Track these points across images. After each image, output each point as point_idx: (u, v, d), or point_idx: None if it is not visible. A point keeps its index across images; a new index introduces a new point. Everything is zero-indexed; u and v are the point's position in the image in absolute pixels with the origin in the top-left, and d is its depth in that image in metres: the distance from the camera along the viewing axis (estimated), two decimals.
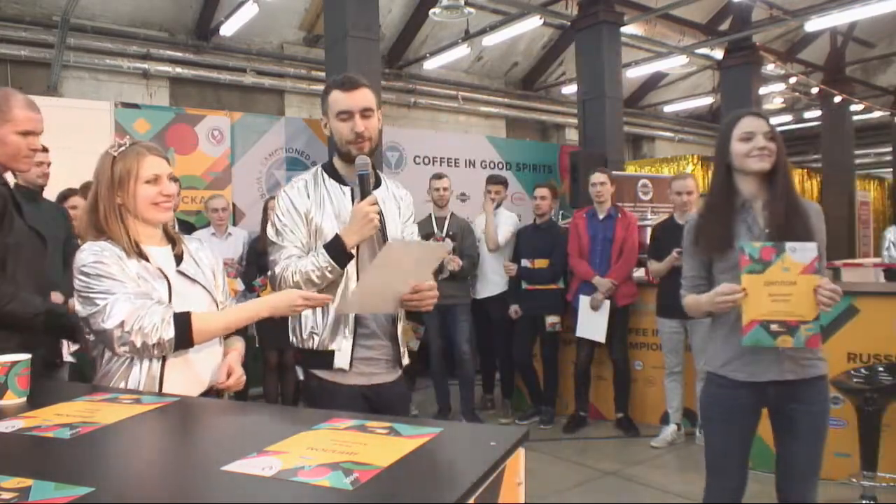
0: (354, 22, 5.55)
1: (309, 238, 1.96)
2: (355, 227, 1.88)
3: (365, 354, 2.00)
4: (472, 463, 1.01)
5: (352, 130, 1.95)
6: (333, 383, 1.98)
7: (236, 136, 5.98)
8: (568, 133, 12.90)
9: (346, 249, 1.88)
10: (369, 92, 1.99)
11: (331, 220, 1.96)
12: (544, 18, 9.24)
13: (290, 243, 1.95)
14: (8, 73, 7.83)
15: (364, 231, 1.88)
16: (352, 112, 1.95)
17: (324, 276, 1.89)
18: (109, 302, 1.52)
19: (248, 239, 4.91)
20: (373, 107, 1.98)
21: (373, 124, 1.98)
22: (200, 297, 1.72)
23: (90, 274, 1.55)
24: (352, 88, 1.96)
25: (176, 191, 1.75)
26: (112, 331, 1.51)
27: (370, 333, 2.00)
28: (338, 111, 1.96)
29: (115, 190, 1.65)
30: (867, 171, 15.13)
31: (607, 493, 3.49)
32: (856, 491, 3.14)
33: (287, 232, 1.96)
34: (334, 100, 1.98)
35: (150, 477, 1.02)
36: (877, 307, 3.52)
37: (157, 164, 1.69)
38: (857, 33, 12.58)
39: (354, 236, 1.88)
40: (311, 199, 1.99)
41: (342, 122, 1.96)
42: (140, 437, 1.31)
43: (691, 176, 4.42)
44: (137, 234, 1.69)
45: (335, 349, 1.97)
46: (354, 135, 1.95)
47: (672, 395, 4.27)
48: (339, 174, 2.05)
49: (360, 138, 1.95)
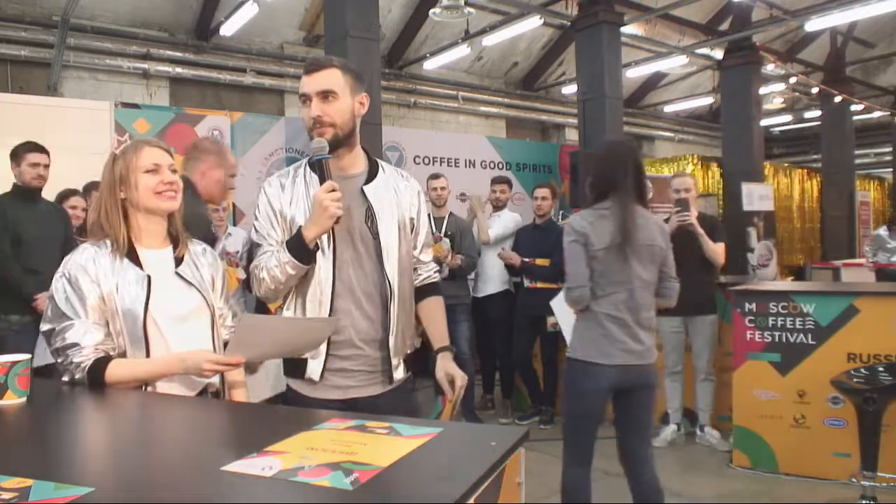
0: (354, 22, 5.55)
1: (284, 235, 1.81)
2: (312, 217, 1.72)
3: (339, 365, 1.80)
4: (472, 463, 1.01)
5: (310, 116, 1.78)
6: (303, 395, 1.82)
7: (236, 136, 5.98)
8: (568, 133, 12.90)
9: (305, 243, 1.72)
10: (336, 72, 1.78)
11: (304, 214, 1.79)
12: (544, 18, 9.24)
13: (266, 241, 1.82)
14: (8, 73, 7.83)
15: (322, 222, 1.69)
16: (308, 95, 1.78)
17: (286, 273, 1.74)
18: (56, 329, 1.58)
19: (247, 238, 4.90)
20: (336, 89, 1.77)
21: (335, 108, 1.77)
22: (195, 300, 1.71)
23: (64, 287, 1.60)
24: (312, 70, 1.78)
25: (178, 182, 1.73)
26: (53, 354, 1.60)
27: (345, 342, 1.80)
28: (299, 94, 1.81)
29: (118, 186, 1.66)
30: (867, 171, 15.14)
31: (607, 493, 3.48)
32: (856, 491, 3.14)
33: (264, 232, 1.84)
34: (300, 85, 1.82)
35: (150, 477, 1.02)
36: (877, 307, 3.52)
37: (155, 154, 1.69)
38: (857, 33, 12.58)
39: (313, 228, 1.71)
40: (287, 193, 1.84)
41: (304, 107, 1.80)
42: (140, 437, 1.31)
43: (690, 175, 4.42)
44: (140, 231, 1.68)
45: (308, 357, 1.80)
46: (311, 120, 1.77)
47: (672, 394, 4.27)
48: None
49: (318, 124, 1.76)
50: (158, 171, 1.67)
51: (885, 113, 13.80)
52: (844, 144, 12.35)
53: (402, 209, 1.89)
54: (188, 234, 1.81)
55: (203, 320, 1.71)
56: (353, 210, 1.81)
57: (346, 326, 1.79)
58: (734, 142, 9.77)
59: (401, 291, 1.85)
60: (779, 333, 3.68)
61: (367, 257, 1.83)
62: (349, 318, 1.80)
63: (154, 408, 1.49)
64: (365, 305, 1.82)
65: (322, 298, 1.78)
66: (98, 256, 1.63)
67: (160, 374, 1.61)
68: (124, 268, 1.63)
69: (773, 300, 3.72)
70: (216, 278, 1.81)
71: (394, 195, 1.89)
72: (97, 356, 1.56)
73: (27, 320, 3.53)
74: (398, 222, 1.87)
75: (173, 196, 1.70)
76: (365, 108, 1.86)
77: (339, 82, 1.78)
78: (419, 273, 1.98)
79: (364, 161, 1.91)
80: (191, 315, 1.69)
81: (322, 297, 1.78)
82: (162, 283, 1.66)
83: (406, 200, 1.91)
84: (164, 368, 1.60)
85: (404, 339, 1.88)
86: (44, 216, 3.70)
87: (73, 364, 1.55)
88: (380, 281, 1.83)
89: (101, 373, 1.55)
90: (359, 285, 1.81)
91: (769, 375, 3.69)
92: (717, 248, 4.02)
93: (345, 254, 1.81)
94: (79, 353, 1.56)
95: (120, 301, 1.60)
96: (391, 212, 1.86)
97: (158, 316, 1.63)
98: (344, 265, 1.80)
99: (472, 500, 0.90)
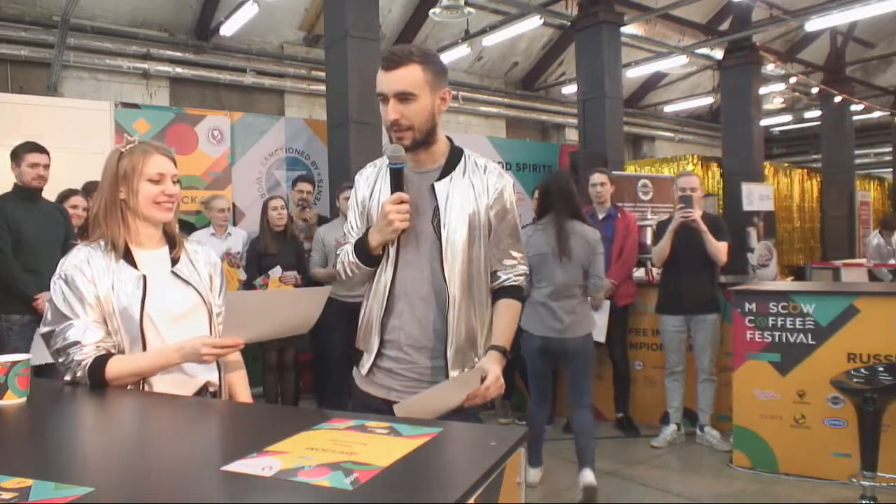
0: (354, 22, 5.55)
1: (365, 226, 1.76)
2: (377, 226, 1.67)
3: (387, 365, 1.74)
4: (472, 463, 1.01)
5: (386, 119, 1.67)
6: (356, 386, 1.81)
7: (236, 136, 5.97)
8: (568, 133, 12.91)
9: (369, 250, 1.69)
10: (417, 69, 1.64)
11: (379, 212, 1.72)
12: (544, 18, 9.25)
13: (351, 234, 1.79)
14: (8, 73, 7.84)
15: (385, 233, 1.65)
16: (385, 95, 1.66)
17: (353, 270, 1.74)
18: (56, 330, 1.59)
19: (247, 239, 4.91)
20: (415, 90, 1.63)
21: (413, 110, 1.64)
22: (192, 298, 1.71)
23: (62, 287, 1.60)
24: (391, 66, 1.64)
25: (178, 194, 1.74)
26: (53, 355, 1.61)
27: (393, 343, 1.73)
28: (377, 92, 1.68)
29: (119, 185, 1.66)
30: (867, 171, 15.14)
31: (607, 493, 3.48)
32: (856, 491, 3.14)
33: (351, 220, 1.81)
34: (377, 79, 1.68)
35: (150, 477, 1.02)
36: (877, 307, 3.52)
37: (162, 163, 1.69)
38: (857, 33, 12.58)
39: (376, 237, 1.67)
40: (370, 186, 1.78)
41: (382, 105, 1.68)
42: (140, 437, 1.31)
43: (696, 174, 4.41)
44: (136, 233, 1.69)
45: (363, 350, 1.78)
46: (389, 122, 1.67)
47: (673, 394, 4.26)
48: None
49: (396, 127, 1.66)
50: (162, 181, 1.67)
51: (885, 113, 13.80)
52: (844, 144, 12.36)
53: (476, 202, 1.73)
54: (183, 233, 1.81)
55: (201, 318, 1.71)
56: (422, 209, 1.71)
57: (397, 328, 1.72)
58: (734, 142, 9.77)
59: (466, 299, 1.71)
60: (779, 333, 3.68)
61: (430, 260, 1.71)
62: (399, 320, 1.72)
63: (154, 408, 1.49)
64: (418, 310, 1.71)
65: (381, 298, 1.72)
66: (92, 258, 1.63)
67: (160, 366, 1.60)
68: (119, 268, 1.63)
69: (773, 300, 3.71)
70: (214, 276, 1.81)
71: (468, 186, 1.73)
72: (98, 354, 1.56)
73: (27, 320, 3.53)
74: (469, 219, 1.71)
75: (170, 208, 1.70)
76: (447, 105, 1.73)
77: (419, 81, 1.64)
78: (498, 275, 1.80)
79: (444, 153, 1.77)
80: (188, 313, 1.69)
81: (381, 296, 1.72)
82: (158, 282, 1.66)
83: (480, 189, 1.74)
84: (162, 359, 1.60)
85: (468, 349, 1.73)
86: (44, 216, 3.70)
87: (75, 362, 1.55)
88: (440, 286, 1.70)
89: (102, 370, 1.55)
90: (416, 289, 1.71)
91: (769, 375, 3.69)
92: (720, 247, 4.02)
93: (408, 254, 1.71)
94: (80, 352, 1.56)
95: (116, 300, 1.60)
96: (461, 208, 1.71)
97: (155, 315, 1.63)
98: (405, 266, 1.71)
99: (472, 500, 0.90)
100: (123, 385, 1.58)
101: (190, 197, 5.53)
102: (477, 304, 1.74)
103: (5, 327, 3.54)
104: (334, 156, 5.69)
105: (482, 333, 1.76)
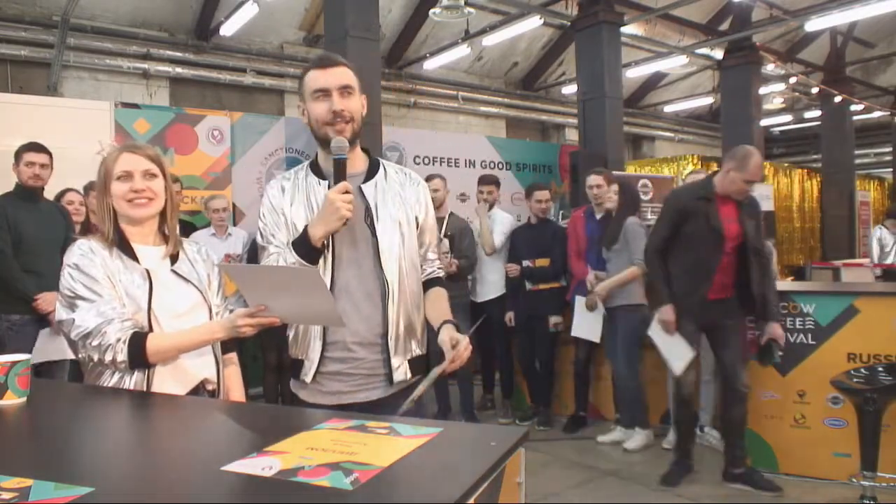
0: (354, 22, 5.55)
1: (289, 236, 1.77)
2: (320, 217, 1.68)
3: (333, 368, 1.74)
4: (472, 463, 1.01)
5: (328, 110, 1.73)
6: (298, 398, 1.79)
7: (236, 136, 5.97)
8: (568, 133, 12.92)
9: (311, 243, 1.68)
10: (349, 71, 1.78)
11: (304, 216, 1.77)
12: (544, 18, 9.26)
13: (272, 244, 1.78)
14: (8, 73, 7.84)
15: (330, 222, 1.66)
16: (328, 89, 1.74)
17: None
18: (77, 314, 1.56)
19: (247, 239, 4.90)
20: (354, 86, 1.76)
21: (354, 105, 1.76)
22: (193, 296, 1.71)
23: (73, 275, 1.59)
24: (329, 65, 1.76)
25: (152, 188, 1.70)
26: (76, 342, 1.57)
27: (338, 343, 1.74)
28: (314, 89, 1.75)
29: (102, 191, 1.69)
30: (867, 171, 15.15)
31: (607, 493, 3.48)
32: (856, 491, 3.14)
33: (268, 233, 1.80)
34: (310, 79, 1.76)
35: (150, 477, 1.02)
36: (877, 307, 3.52)
37: (129, 160, 1.68)
38: (857, 33, 12.59)
39: (319, 227, 1.67)
40: (287, 195, 1.82)
41: (318, 102, 1.75)
42: (140, 437, 1.31)
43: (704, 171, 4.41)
44: (130, 232, 1.70)
45: (302, 357, 1.77)
46: (331, 114, 1.73)
47: None
48: (319, 168, 1.85)
49: (339, 118, 1.73)
50: (129, 178, 1.67)
51: (885, 113, 13.81)
52: (844, 144, 12.37)
53: (405, 208, 1.83)
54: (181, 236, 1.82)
55: (202, 317, 1.71)
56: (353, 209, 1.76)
57: (341, 328, 1.73)
58: (734, 142, 9.65)
59: (402, 291, 1.78)
60: None
61: (366, 256, 1.77)
62: (343, 318, 1.70)
63: (154, 408, 1.49)
64: (362, 306, 1.76)
65: None
66: (95, 248, 1.64)
67: (203, 341, 1.63)
68: (123, 261, 1.65)
69: None
70: (212, 276, 1.82)
71: (396, 194, 1.83)
72: (133, 329, 1.55)
73: (27, 320, 3.54)
74: (399, 221, 1.81)
75: (144, 203, 1.68)
76: (365, 110, 1.86)
77: (354, 80, 1.78)
78: (424, 269, 1.91)
79: (364, 160, 1.88)
80: (190, 311, 1.69)
81: None
82: (160, 279, 1.67)
83: (411, 199, 1.85)
84: (207, 334, 1.63)
85: (406, 340, 1.80)
86: (45, 216, 3.70)
87: (111, 341, 1.52)
88: (379, 280, 1.76)
89: (143, 346, 1.54)
90: (357, 285, 1.76)
91: (769, 375, 3.69)
92: None
93: (343, 253, 1.76)
94: (114, 329, 1.53)
95: (125, 289, 1.61)
96: (391, 210, 1.80)
97: (159, 312, 1.63)
98: (342, 265, 1.75)
99: (472, 500, 0.90)
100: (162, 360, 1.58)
101: (190, 197, 5.52)
102: (412, 297, 1.82)
103: (5, 327, 3.54)
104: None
105: (416, 324, 1.83)
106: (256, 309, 1.55)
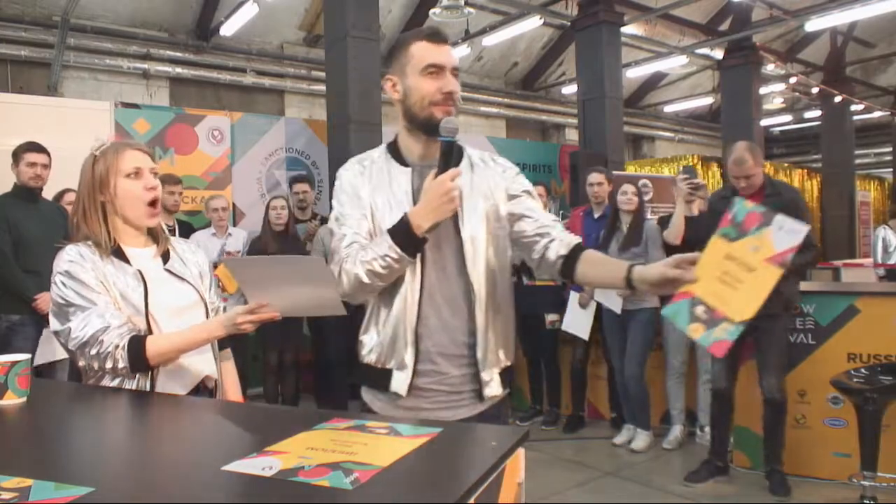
0: (354, 22, 5.55)
1: (367, 224, 1.57)
2: (431, 205, 1.45)
3: (422, 383, 1.56)
4: (472, 463, 1.01)
5: (439, 90, 1.53)
6: (372, 412, 1.61)
7: (236, 136, 5.98)
8: (568, 133, 12.91)
9: (415, 234, 1.46)
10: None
11: (385, 204, 1.58)
12: (544, 18, 9.26)
13: (351, 230, 1.57)
14: (8, 73, 7.84)
15: (441, 211, 1.45)
16: (444, 67, 1.54)
17: (390, 267, 1.47)
18: (72, 323, 1.52)
19: (248, 239, 4.91)
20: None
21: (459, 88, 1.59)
22: (189, 294, 1.70)
23: (65, 282, 1.55)
24: (443, 42, 1.58)
25: (159, 188, 1.70)
26: (75, 351, 1.53)
27: (425, 353, 1.55)
28: (426, 64, 1.54)
29: (97, 189, 1.63)
30: (867, 171, 15.14)
31: (607, 493, 3.48)
32: (856, 491, 3.14)
33: (350, 220, 1.58)
34: (420, 51, 1.55)
35: (150, 477, 1.02)
36: (877, 307, 3.52)
37: (137, 157, 1.66)
38: (857, 33, 12.58)
39: (430, 216, 1.45)
40: (367, 178, 1.61)
41: (429, 78, 1.54)
42: (140, 437, 1.31)
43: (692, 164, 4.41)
44: (119, 232, 1.65)
45: (392, 367, 1.57)
46: (443, 95, 1.53)
47: (675, 395, 4.25)
48: (400, 154, 1.63)
49: (450, 100, 1.54)
50: (139, 175, 1.65)
51: (885, 113, 13.81)
52: (844, 144, 12.36)
53: (492, 200, 1.61)
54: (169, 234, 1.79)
55: (199, 314, 1.70)
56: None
57: (424, 336, 1.56)
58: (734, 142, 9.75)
59: (490, 297, 1.58)
60: None
61: (450, 259, 1.57)
62: (426, 327, 1.56)
63: (154, 407, 1.49)
64: (446, 314, 1.56)
65: (409, 304, 1.54)
66: (84, 253, 1.59)
67: (203, 340, 1.60)
68: (113, 264, 1.61)
69: None
70: (203, 273, 1.80)
71: (483, 184, 1.62)
72: (131, 334, 1.52)
73: (28, 320, 3.54)
74: (486, 217, 1.60)
75: (157, 213, 1.68)
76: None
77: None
78: (553, 238, 1.61)
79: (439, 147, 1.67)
80: (187, 309, 1.68)
81: (409, 302, 1.54)
82: (154, 279, 1.64)
83: (499, 188, 1.64)
84: (206, 333, 1.59)
85: (497, 351, 1.60)
86: (45, 216, 3.70)
87: (110, 347, 1.49)
88: (464, 286, 1.57)
89: (142, 349, 1.51)
90: (440, 291, 1.56)
91: None
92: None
93: (428, 254, 1.55)
94: (112, 335, 1.50)
95: (119, 293, 1.58)
96: (478, 205, 1.59)
97: (157, 312, 1.61)
98: (427, 267, 1.56)
99: (472, 501, 0.90)
100: (163, 362, 1.56)
101: (190, 197, 5.52)
102: (502, 303, 1.62)
103: (6, 327, 3.54)
104: (334, 156, 5.69)
105: (507, 333, 1.64)
106: (256, 305, 1.53)
